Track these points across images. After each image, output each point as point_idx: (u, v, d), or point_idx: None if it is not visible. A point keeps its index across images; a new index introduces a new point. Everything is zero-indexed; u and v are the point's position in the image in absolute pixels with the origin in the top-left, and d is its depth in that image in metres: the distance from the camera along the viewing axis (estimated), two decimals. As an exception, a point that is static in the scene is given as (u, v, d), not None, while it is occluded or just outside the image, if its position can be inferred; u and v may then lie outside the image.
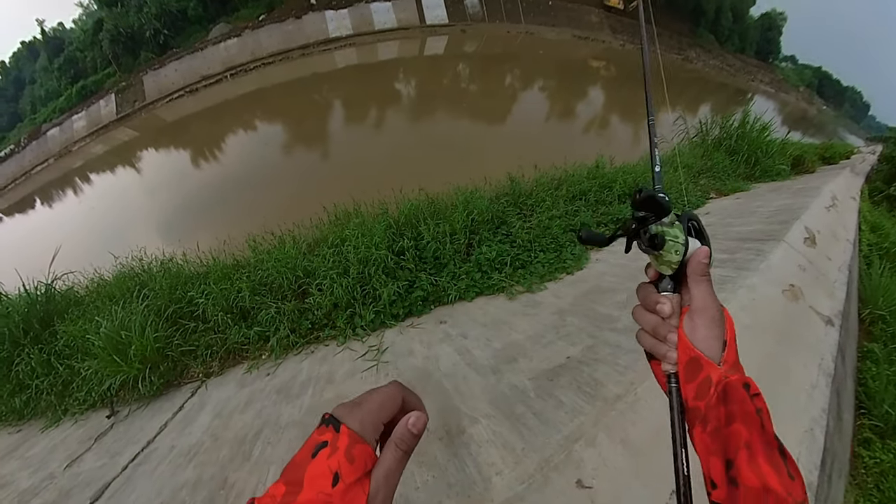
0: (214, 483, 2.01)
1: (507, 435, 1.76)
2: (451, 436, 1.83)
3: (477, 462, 1.66)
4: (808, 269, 3.06)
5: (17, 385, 3.87)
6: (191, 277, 4.17)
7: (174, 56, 26.78)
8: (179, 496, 2.02)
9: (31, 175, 29.20)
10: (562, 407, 1.85)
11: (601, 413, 1.76)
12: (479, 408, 1.98)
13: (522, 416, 1.86)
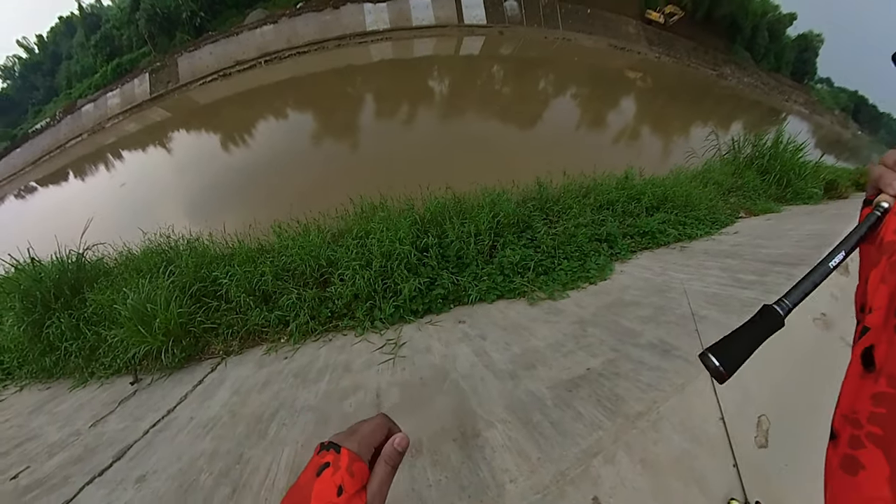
0: (231, 457, 2.07)
1: (523, 442, 1.75)
2: (466, 437, 1.83)
3: (491, 467, 1.65)
4: (840, 299, 2.97)
5: (47, 346, 4.04)
6: (216, 258, 4.28)
7: (209, 39, 27.04)
8: (197, 464, 2.09)
9: (65, 148, 30.08)
10: (580, 419, 1.82)
11: (621, 430, 1.73)
12: (495, 412, 1.98)
13: (539, 424, 1.84)
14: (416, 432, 1.92)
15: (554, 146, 10.34)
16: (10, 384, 4.18)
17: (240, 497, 1.77)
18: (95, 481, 2.23)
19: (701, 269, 3.44)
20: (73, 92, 37.39)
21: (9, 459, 2.76)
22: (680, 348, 2.26)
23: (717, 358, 0.58)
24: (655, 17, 33.62)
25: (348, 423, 1.75)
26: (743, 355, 0.59)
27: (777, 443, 1.81)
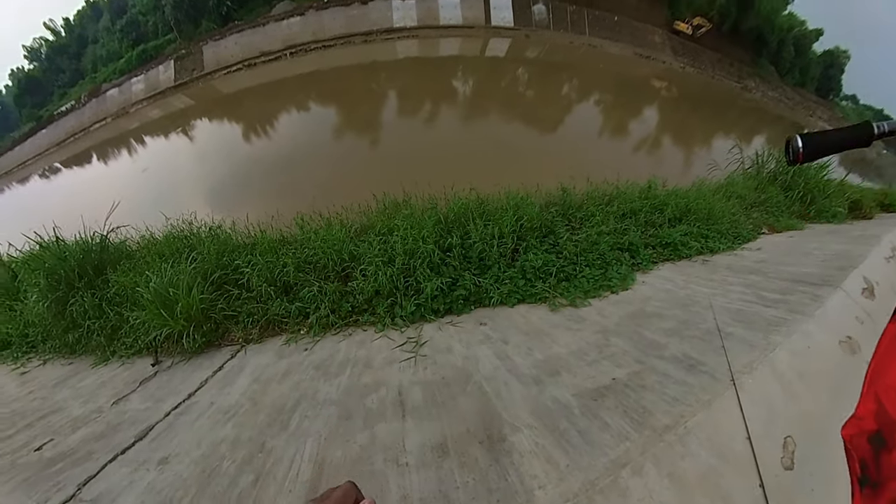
0: (253, 445, 2.10)
1: (551, 449, 1.75)
2: (493, 441, 1.84)
3: (519, 472, 1.65)
4: (866, 323, 2.91)
5: (70, 323, 4.12)
6: (238, 246, 4.33)
7: (235, 28, 27.30)
8: (219, 451, 2.11)
9: (89, 131, 30.70)
10: (607, 429, 1.82)
11: (649, 442, 1.72)
12: (520, 416, 1.98)
13: (566, 432, 1.84)
14: (441, 432, 1.94)
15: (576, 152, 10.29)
16: (33, 357, 4.29)
17: (263, 485, 1.79)
18: (118, 459, 2.27)
19: (724, 285, 3.39)
20: (98, 76, 38.03)
21: (33, 431, 2.83)
22: (706, 364, 2.24)
23: (802, 140, 0.61)
24: (683, 29, 33.50)
25: (371, 420, 1.79)
26: (825, 150, 0.62)
27: (803, 465, 1.78)
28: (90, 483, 2.11)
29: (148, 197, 9.76)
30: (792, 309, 2.77)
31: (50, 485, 2.17)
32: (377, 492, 1.64)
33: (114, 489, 2.01)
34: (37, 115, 40.75)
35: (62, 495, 2.06)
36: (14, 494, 2.18)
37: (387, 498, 1.61)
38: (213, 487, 1.85)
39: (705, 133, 15.70)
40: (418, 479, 1.69)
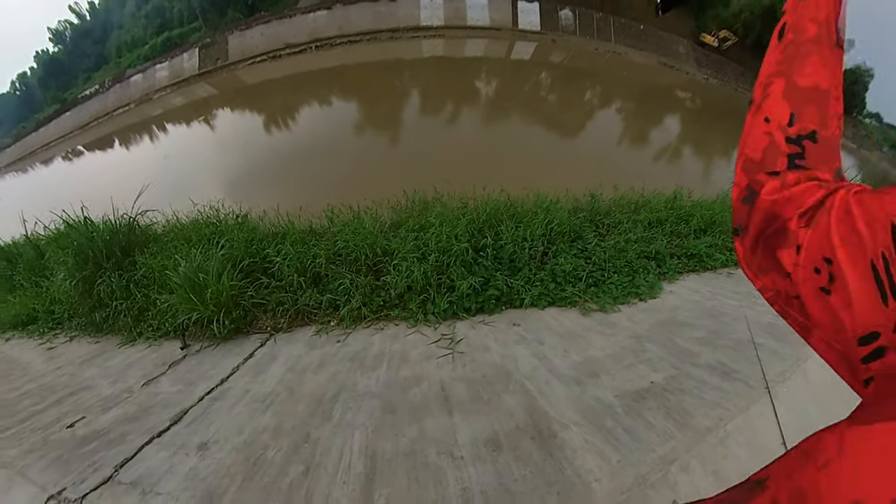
0: (297, 434, 2.07)
1: (601, 445, 1.81)
2: (544, 437, 1.87)
3: (574, 466, 1.70)
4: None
5: (97, 302, 4.15)
6: (267, 236, 4.33)
7: (261, 20, 27.32)
8: (261, 439, 2.09)
9: (112, 116, 31.05)
10: (652, 429, 1.89)
11: (692, 442, 1.81)
12: (566, 414, 2.01)
13: (613, 429, 1.90)
14: (491, 428, 1.96)
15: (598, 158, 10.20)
16: (60, 333, 4.31)
17: (315, 476, 1.77)
18: (155, 442, 2.26)
19: (751, 298, 3.38)
20: (122, 61, 38.45)
21: (63, 407, 2.84)
22: (740, 372, 2.33)
23: None
24: (709, 41, 33.43)
25: (417, 414, 1.80)
26: None
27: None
28: (127, 465, 2.10)
29: (169, 183, 9.80)
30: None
31: (85, 465, 2.16)
32: (435, 484, 1.63)
33: (153, 473, 1.99)
34: (61, 98, 41.37)
35: (99, 476, 2.05)
36: (48, 471, 2.17)
37: (447, 490, 1.61)
38: (260, 476, 1.82)
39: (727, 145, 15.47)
40: (476, 472, 1.71)
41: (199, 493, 1.81)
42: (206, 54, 28.26)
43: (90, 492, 1.95)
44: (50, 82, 49.64)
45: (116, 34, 46.14)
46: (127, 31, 43.71)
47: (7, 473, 2.19)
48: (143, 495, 1.86)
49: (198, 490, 1.82)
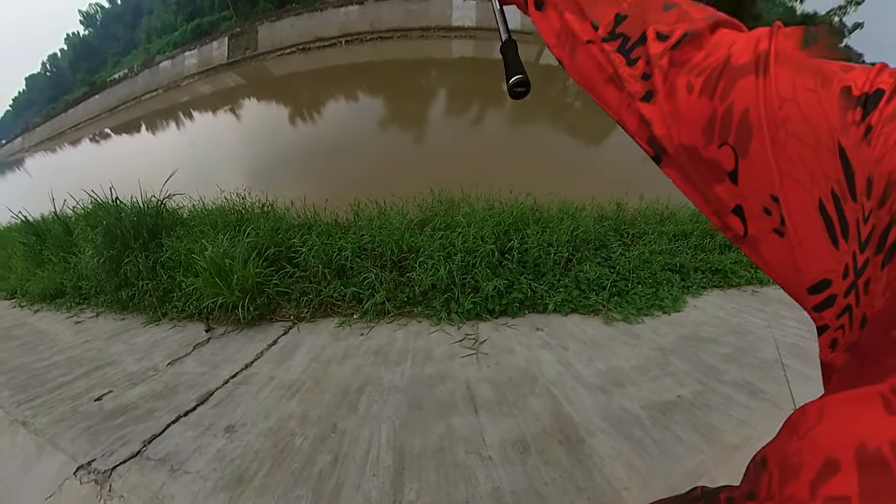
0: (324, 424, 2.09)
1: (629, 455, 1.80)
2: (571, 442, 1.87)
3: (603, 473, 1.70)
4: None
5: (123, 281, 4.24)
6: (292, 226, 4.37)
7: (292, 11, 27.42)
8: (288, 426, 2.11)
9: (140, 101, 31.69)
10: (680, 442, 1.88)
11: (721, 457, 1.80)
12: (593, 422, 2.00)
13: (642, 440, 1.89)
14: (519, 430, 1.96)
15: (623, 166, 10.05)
16: (86, 308, 4.41)
17: (343, 467, 1.78)
18: (181, 421, 2.29)
19: (777, 318, 3.35)
20: (151, 47, 39.13)
21: (90, 380, 2.90)
22: (766, 392, 2.31)
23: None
24: None
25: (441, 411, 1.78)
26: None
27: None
28: (155, 441, 2.14)
29: (195, 169, 9.95)
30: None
31: (114, 438, 2.21)
32: (466, 482, 1.62)
33: (181, 451, 2.02)
34: (90, 81, 42.35)
35: (127, 450, 2.09)
36: (78, 441, 2.22)
37: (477, 489, 1.60)
38: (288, 463, 1.84)
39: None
40: (505, 474, 1.71)
41: (227, 474, 1.83)
42: (235, 44, 28.57)
43: (119, 464, 1.99)
44: (80, 64, 50.82)
45: (147, 19, 46.96)
46: (157, 16, 44.42)
47: (38, 441, 2.25)
48: (172, 472, 1.89)
49: (226, 472, 1.84)
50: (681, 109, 0.39)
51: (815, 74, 0.33)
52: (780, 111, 0.33)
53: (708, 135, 0.37)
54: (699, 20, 0.41)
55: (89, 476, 1.95)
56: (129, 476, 1.92)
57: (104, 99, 35.24)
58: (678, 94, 0.39)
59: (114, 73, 38.29)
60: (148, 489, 1.82)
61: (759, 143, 0.34)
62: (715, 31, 0.40)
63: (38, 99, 56.61)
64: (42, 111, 46.59)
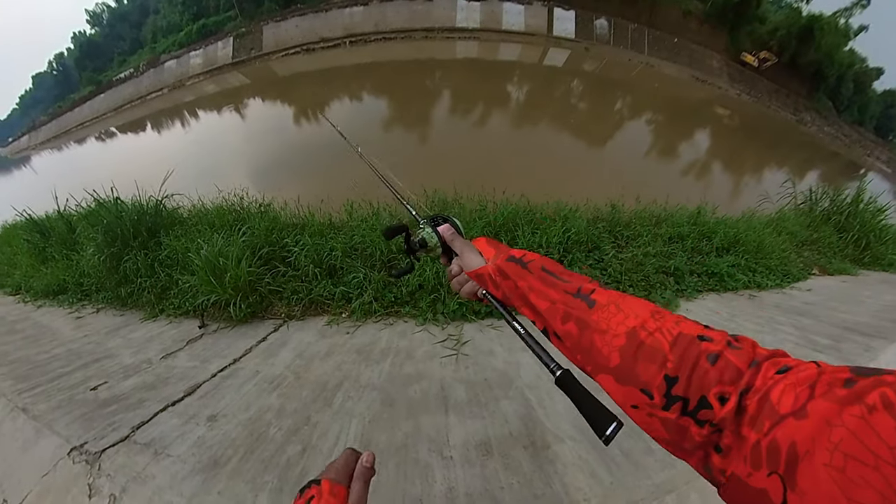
0: (298, 417, 2.18)
1: (594, 464, 1.78)
2: (537, 448, 1.87)
3: (564, 482, 1.69)
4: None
5: (123, 278, 4.37)
6: (287, 225, 4.47)
7: (297, 12, 27.73)
8: (265, 417, 2.21)
9: (145, 100, 32.01)
10: (651, 454, 1.83)
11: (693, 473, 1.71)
12: (563, 428, 2.01)
13: (610, 450, 1.85)
14: (485, 432, 1.99)
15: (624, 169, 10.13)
16: (87, 304, 4.54)
17: (310, 456, 1.87)
18: (169, 410, 2.40)
19: (772, 324, 3.33)
20: (157, 46, 39.42)
21: (88, 371, 3.02)
22: None
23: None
24: (750, 61, 33.48)
25: (413, 409, 1.85)
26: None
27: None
28: (143, 427, 2.25)
29: (197, 168, 10.13)
30: (843, 358, 2.69)
31: (105, 423, 2.32)
32: (422, 480, 1.68)
33: (166, 437, 2.14)
34: (96, 80, 42.70)
35: (117, 435, 2.21)
36: (73, 426, 2.34)
37: (432, 488, 1.66)
38: (261, 451, 1.94)
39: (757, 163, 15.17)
40: (463, 475, 1.74)
41: (204, 459, 1.95)
42: (240, 44, 28.83)
43: (109, 447, 2.11)
44: (86, 63, 51.15)
45: (153, 19, 47.31)
46: (163, 16, 44.76)
47: (36, 426, 2.37)
48: (155, 455, 2.01)
49: (204, 456, 1.96)
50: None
51: (858, 401, 0.35)
52: (832, 436, 0.34)
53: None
54: (745, 372, 0.45)
55: (81, 457, 2.07)
56: (116, 458, 2.03)
57: (110, 98, 35.58)
58: (745, 445, 0.42)
59: (120, 73, 38.65)
60: (132, 469, 1.94)
61: (810, 470, 0.35)
62: (758, 373, 0.45)
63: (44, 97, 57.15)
64: (48, 109, 47.03)
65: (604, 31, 28.60)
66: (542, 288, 0.68)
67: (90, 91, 39.74)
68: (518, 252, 0.78)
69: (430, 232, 0.93)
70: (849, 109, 40.93)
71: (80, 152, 26.04)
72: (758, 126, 24.55)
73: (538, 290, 0.69)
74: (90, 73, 46.77)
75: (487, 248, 0.84)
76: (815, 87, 37.35)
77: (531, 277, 0.71)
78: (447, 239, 0.92)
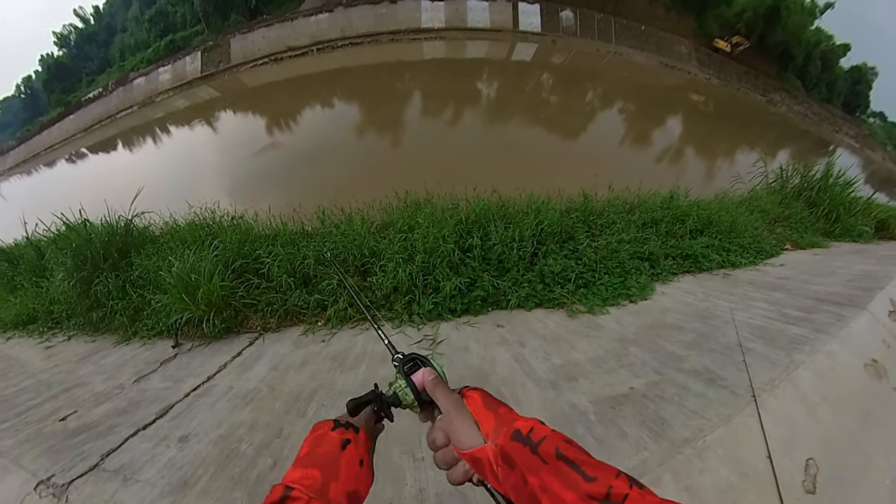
0: (270, 430, 2.14)
1: None
2: None
3: None
4: (893, 347, 2.84)
5: (94, 302, 4.27)
6: (259, 237, 4.41)
7: (263, 23, 27.54)
8: (237, 433, 2.17)
9: (115, 119, 31.39)
10: (625, 438, 1.82)
11: (667, 454, 1.71)
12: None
13: (583, 438, 1.84)
14: None
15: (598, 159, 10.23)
16: (58, 333, 4.42)
17: (281, 469, 1.83)
18: (140, 434, 2.34)
19: (746, 300, 3.35)
20: (125, 64, 38.82)
21: (58, 402, 2.93)
22: (726, 379, 2.22)
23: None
24: (723, 46, 34.28)
25: None
26: None
27: (825, 491, 1.73)
28: (112, 455, 2.19)
29: (171, 185, 9.96)
30: (816, 328, 2.72)
31: (74, 454, 2.25)
32: (394, 483, 1.66)
33: (135, 462, 2.08)
34: (65, 101, 41.79)
35: (85, 464, 2.14)
36: (40, 460, 2.26)
37: (403, 490, 1.64)
38: (231, 468, 1.90)
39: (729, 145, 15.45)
40: (434, 475, 1.72)
41: (174, 480, 1.90)
42: (208, 57, 28.54)
43: (77, 478, 2.04)
44: (54, 85, 50.09)
45: (120, 37, 46.59)
46: (131, 34, 44.11)
47: (2, 462, 2.29)
48: (125, 482, 1.96)
49: (173, 478, 1.91)
50: None
51: None
52: None
53: None
54: None
55: (48, 490, 2.00)
56: (84, 488, 1.97)
57: (79, 119, 34.84)
58: None
59: (88, 93, 37.86)
60: (101, 498, 1.88)
61: None
62: None
63: (12, 122, 55.57)
64: (17, 134, 45.84)
65: (570, 22, 28.82)
66: (560, 490, 0.52)
67: (59, 113, 38.84)
68: (524, 424, 0.61)
69: (403, 386, 0.76)
70: (817, 87, 41.93)
71: (49, 176, 25.43)
72: (728, 109, 25.01)
73: (554, 494, 0.52)
74: (59, 94, 45.77)
75: (485, 414, 0.66)
76: (784, 67, 38.17)
77: (545, 471, 0.54)
78: (428, 390, 0.74)
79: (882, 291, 3.31)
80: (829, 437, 1.96)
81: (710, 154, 14.36)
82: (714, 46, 34.11)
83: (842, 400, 2.17)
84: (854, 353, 2.53)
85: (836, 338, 2.54)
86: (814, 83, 41.34)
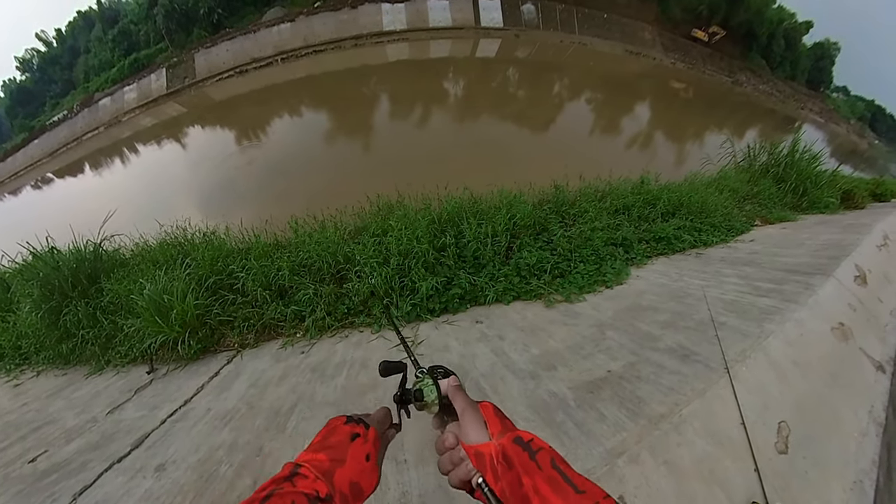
0: (250, 448, 2.09)
1: (548, 440, 1.77)
2: None
3: None
4: (858, 310, 2.94)
5: (64, 333, 4.10)
6: (232, 252, 4.32)
7: (226, 36, 27.24)
8: (216, 455, 2.10)
9: (81, 141, 30.60)
10: (603, 420, 1.85)
11: (644, 431, 1.74)
12: (517, 410, 2.00)
13: (563, 423, 1.87)
14: None
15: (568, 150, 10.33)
16: (27, 369, 4.25)
17: (261, 488, 1.78)
18: (114, 468, 2.25)
19: (718, 277, 3.42)
20: (90, 85, 37.85)
21: (27, 443, 2.80)
22: (700, 354, 2.26)
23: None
24: (701, 36, 35.40)
25: None
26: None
27: (797, 449, 1.80)
28: (86, 492, 2.09)
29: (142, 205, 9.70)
30: (785, 298, 2.78)
31: (45, 496, 2.15)
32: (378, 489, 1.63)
33: (110, 498, 1.99)
34: (29, 126, 40.53)
35: (57, 506, 2.04)
36: (7, 507, 2.16)
37: (386, 496, 1.62)
38: (210, 492, 1.84)
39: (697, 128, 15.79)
40: (417, 476, 1.71)
41: (150, 513, 1.83)
42: (173, 73, 28.07)
43: (47, 523, 1.94)
44: (17, 111, 48.70)
45: (84, 59, 45.45)
46: (94, 54, 43.06)
47: (-34, 514, 2.18)
48: (99, 521, 1.87)
49: (150, 511, 1.84)
50: None
51: None
52: None
53: None
54: None
55: (18, 539, 1.91)
56: (56, 532, 1.88)
57: (44, 143, 33.86)
58: None
59: (53, 116, 36.79)
60: (74, 541, 1.80)
61: None
62: None
63: (-26, 151, 53.68)
64: (-21, 163, 44.22)
65: (532, 15, 29.05)
66: (551, 496, 0.57)
67: (23, 139, 37.65)
68: (525, 434, 0.68)
69: (431, 384, 0.81)
70: (781, 66, 43.11)
71: (15, 204, 24.60)
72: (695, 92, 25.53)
73: (545, 498, 0.58)
74: (22, 119, 44.41)
75: (493, 419, 0.73)
76: (748, 47, 39.12)
77: (539, 476, 0.60)
78: (449, 394, 0.79)
79: (847, 258, 3.42)
80: (800, 399, 2.02)
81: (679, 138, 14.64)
82: (692, 36, 35.00)
83: (811, 363, 2.24)
84: (822, 318, 2.60)
85: (804, 305, 2.61)
86: (778, 62, 42.47)
